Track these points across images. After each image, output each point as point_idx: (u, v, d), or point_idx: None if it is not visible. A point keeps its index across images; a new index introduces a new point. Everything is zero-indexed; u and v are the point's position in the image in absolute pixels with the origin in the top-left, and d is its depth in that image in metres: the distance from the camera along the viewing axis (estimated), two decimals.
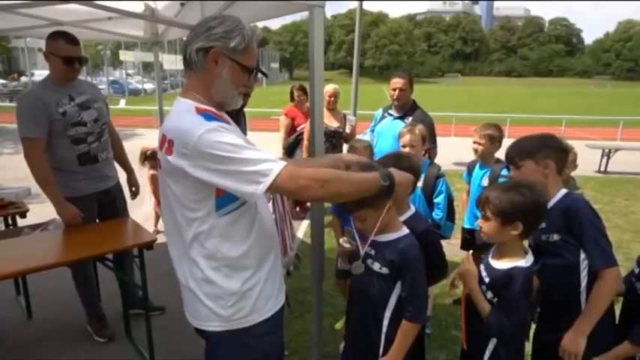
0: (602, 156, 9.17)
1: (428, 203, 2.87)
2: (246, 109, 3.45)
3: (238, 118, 2.52)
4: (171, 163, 1.37)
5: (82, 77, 3.04)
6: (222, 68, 1.45)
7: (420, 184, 2.86)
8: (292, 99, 5.56)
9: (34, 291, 3.37)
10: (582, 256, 1.75)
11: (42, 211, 3.20)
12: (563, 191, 1.84)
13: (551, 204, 1.79)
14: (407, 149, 2.87)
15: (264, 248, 1.55)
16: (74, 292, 3.11)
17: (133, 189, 3.35)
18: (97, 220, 3.06)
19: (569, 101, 31.34)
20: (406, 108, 3.74)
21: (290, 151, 5.34)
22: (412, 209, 2.00)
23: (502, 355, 1.71)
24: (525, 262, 1.69)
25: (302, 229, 5.44)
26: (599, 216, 1.77)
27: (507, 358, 1.73)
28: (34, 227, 2.95)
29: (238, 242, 1.47)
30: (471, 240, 3.30)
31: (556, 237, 1.77)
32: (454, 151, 7.63)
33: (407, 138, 2.89)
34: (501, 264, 1.73)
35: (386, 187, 1.54)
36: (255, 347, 1.55)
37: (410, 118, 3.67)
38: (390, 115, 3.82)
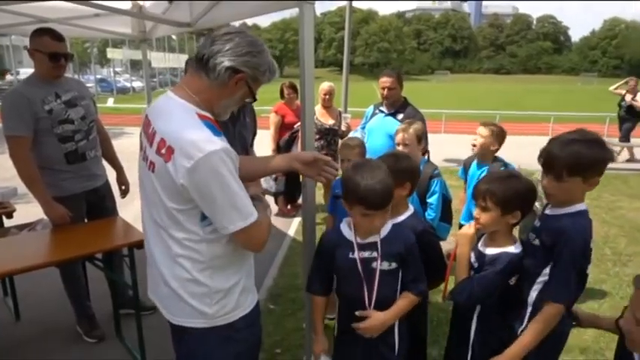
0: None
1: (422, 203, 2.85)
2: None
3: (241, 114, 2.52)
4: (168, 169, 1.35)
5: (68, 75, 3.00)
6: (239, 91, 1.49)
7: None
8: (282, 96, 5.54)
9: (22, 292, 3.32)
10: (546, 270, 1.65)
11: (29, 211, 3.16)
12: (581, 207, 1.66)
13: (561, 211, 1.66)
14: (400, 147, 2.85)
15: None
16: (63, 293, 3.07)
17: (123, 187, 3.32)
18: (86, 220, 3.02)
19: (557, 98, 31.68)
20: (397, 105, 3.75)
21: (286, 148, 5.33)
22: (411, 209, 1.99)
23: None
24: (515, 248, 1.74)
25: (293, 227, 5.43)
26: (588, 249, 1.64)
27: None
28: (21, 227, 2.91)
29: (222, 245, 1.48)
30: None
31: (537, 242, 1.69)
32: (444, 147, 7.69)
33: (400, 136, 2.87)
34: (493, 250, 1.76)
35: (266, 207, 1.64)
36: (239, 340, 1.59)
37: (401, 115, 3.68)
38: (381, 112, 3.83)
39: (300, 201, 5.46)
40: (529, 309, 1.70)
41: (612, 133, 12.79)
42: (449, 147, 7.52)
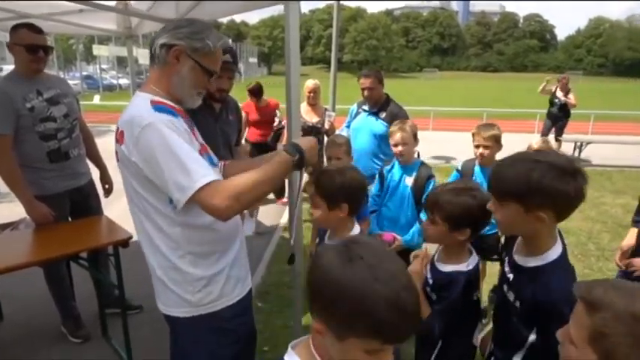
0: (574, 149, 9.44)
1: (417, 204, 2.83)
2: None
3: (224, 112, 2.50)
4: (124, 152, 1.41)
5: (53, 72, 2.95)
6: (183, 66, 1.50)
7: (410, 182, 2.85)
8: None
9: (5, 292, 3.27)
10: (532, 336, 1.37)
11: (11, 210, 3.10)
12: (555, 253, 1.36)
13: (533, 263, 1.39)
14: (399, 148, 2.79)
15: (227, 234, 1.59)
16: (47, 293, 3.03)
17: (107, 186, 3.28)
18: (70, 219, 2.98)
19: (543, 96, 32.03)
20: (380, 103, 3.77)
21: (272, 145, 5.33)
22: (356, 228, 1.81)
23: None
24: (467, 265, 1.64)
25: (281, 224, 5.43)
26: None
27: None
28: (3, 227, 2.85)
29: (200, 230, 1.49)
30: None
31: (518, 304, 1.42)
32: (432, 145, 7.74)
33: (398, 136, 2.79)
34: (445, 267, 1.68)
35: (298, 160, 1.50)
36: (228, 330, 1.60)
37: (384, 113, 3.71)
38: (365, 110, 3.85)
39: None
40: None
41: (596, 130, 13.02)
42: (437, 145, 7.57)
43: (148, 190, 1.44)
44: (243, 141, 5.65)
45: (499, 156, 3.10)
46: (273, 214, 5.65)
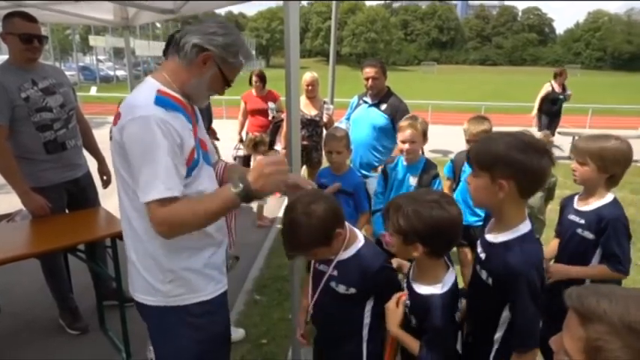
0: (573, 142, 9.43)
1: None
2: (224, 97, 3.39)
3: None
4: (114, 132, 1.41)
5: (49, 62, 2.91)
6: (208, 71, 1.50)
7: (414, 182, 2.82)
8: (250, 84, 5.63)
9: (2, 284, 3.26)
10: (505, 312, 1.46)
11: (8, 201, 3.09)
12: (525, 228, 1.47)
13: (503, 238, 1.47)
14: (406, 146, 2.73)
15: (208, 233, 1.57)
16: (44, 285, 3.02)
17: (105, 178, 3.26)
18: (67, 211, 2.97)
19: (541, 89, 31.99)
20: (381, 95, 3.75)
21: (271, 138, 5.32)
22: (361, 240, 1.69)
23: None
24: (442, 287, 1.50)
25: (279, 217, 5.42)
26: (543, 278, 1.45)
27: None
28: None
29: None
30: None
31: (490, 281, 1.49)
32: (430, 138, 7.69)
33: (408, 133, 2.70)
34: (420, 287, 1.54)
35: (242, 193, 1.37)
36: (196, 326, 1.59)
37: (385, 105, 3.69)
38: (365, 102, 3.82)
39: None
40: (495, 346, 1.51)
41: (594, 124, 13.03)
42: (435, 138, 7.51)
43: (129, 173, 1.43)
44: (243, 134, 5.64)
45: None
46: (272, 208, 5.64)
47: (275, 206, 5.74)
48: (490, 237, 1.53)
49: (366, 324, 1.69)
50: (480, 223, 2.36)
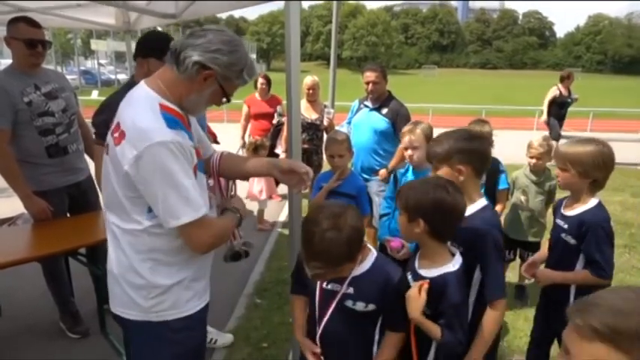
0: (555, 148, 9.37)
1: None
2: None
3: None
4: (117, 153, 1.37)
5: (50, 67, 2.93)
6: (208, 88, 1.45)
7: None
8: (256, 87, 5.65)
9: (3, 288, 3.26)
10: (477, 274, 1.70)
11: (9, 205, 3.09)
12: (479, 205, 1.78)
13: (467, 213, 1.67)
14: (409, 152, 2.70)
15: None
16: (45, 289, 3.02)
17: None
18: (68, 215, 2.97)
19: (542, 93, 32.01)
20: (382, 99, 3.76)
21: (272, 141, 5.33)
22: (373, 252, 1.66)
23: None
24: (454, 265, 1.59)
25: (280, 220, 5.43)
26: (501, 238, 1.73)
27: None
28: (1, 222, 2.85)
29: (166, 238, 1.46)
30: None
31: (462, 249, 1.68)
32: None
33: (407, 139, 2.69)
34: (430, 272, 1.61)
35: (238, 221, 1.68)
36: (174, 341, 1.56)
37: (386, 109, 3.70)
38: (366, 106, 3.83)
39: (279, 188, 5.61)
40: (470, 308, 1.72)
41: (595, 128, 13.04)
42: None
43: (127, 196, 1.41)
44: (246, 137, 5.64)
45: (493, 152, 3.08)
46: (273, 211, 5.64)
47: (275, 210, 5.75)
48: None
49: (376, 340, 1.65)
50: None
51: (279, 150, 5.28)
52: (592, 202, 1.98)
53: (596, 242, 1.91)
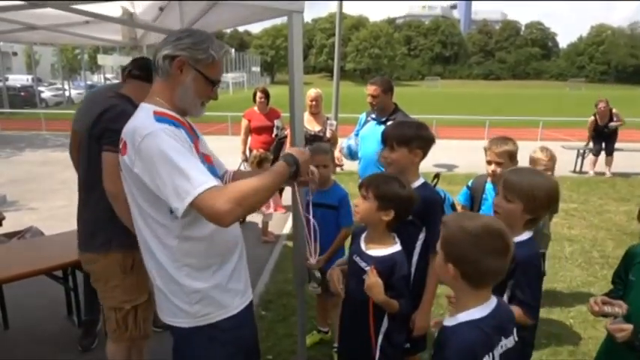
0: (577, 156, 9.40)
1: None
2: (229, 114, 3.45)
3: None
4: (126, 163, 1.43)
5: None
6: (187, 77, 1.52)
7: None
8: (254, 101, 5.70)
9: (11, 301, 3.28)
10: (421, 235, 2.01)
11: (18, 219, 3.14)
12: (421, 180, 2.11)
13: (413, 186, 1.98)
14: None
15: (225, 247, 1.59)
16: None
17: None
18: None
19: (545, 103, 32.04)
20: (388, 112, 3.78)
21: (275, 154, 5.37)
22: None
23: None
24: (399, 245, 1.88)
25: (284, 234, 5.44)
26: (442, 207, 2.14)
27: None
28: (10, 235, 2.89)
29: (197, 242, 1.50)
30: None
31: (411, 218, 1.93)
32: (435, 153, 7.69)
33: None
34: (381, 251, 1.84)
35: (294, 171, 1.60)
36: (225, 341, 1.59)
37: (392, 122, 3.72)
38: (374, 119, 3.86)
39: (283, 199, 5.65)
40: (412, 269, 2.01)
41: None
42: (439, 152, 7.55)
43: (148, 201, 1.45)
44: (247, 151, 5.70)
45: None
46: (277, 223, 5.66)
47: (280, 222, 5.77)
48: None
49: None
50: None
51: None
52: (525, 235, 1.78)
53: (528, 281, 1.70)
